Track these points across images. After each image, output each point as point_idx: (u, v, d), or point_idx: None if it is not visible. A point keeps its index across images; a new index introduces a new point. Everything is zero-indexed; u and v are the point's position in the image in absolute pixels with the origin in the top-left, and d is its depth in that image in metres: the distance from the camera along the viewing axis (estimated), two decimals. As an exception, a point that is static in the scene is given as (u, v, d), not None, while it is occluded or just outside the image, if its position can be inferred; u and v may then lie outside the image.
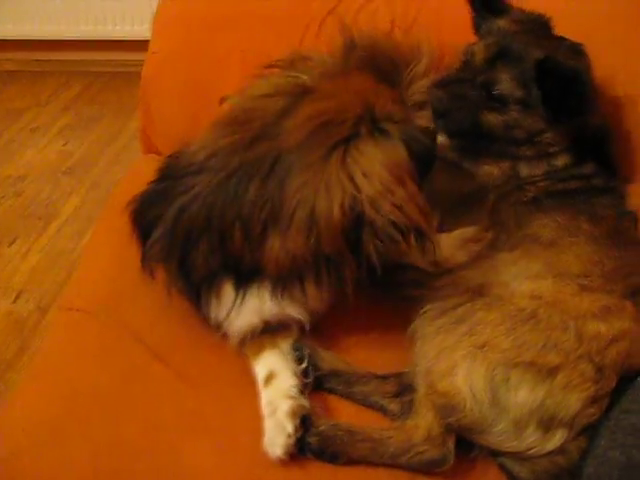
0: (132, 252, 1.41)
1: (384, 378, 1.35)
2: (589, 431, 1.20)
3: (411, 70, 1.63)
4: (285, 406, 1.28)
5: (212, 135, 1.37)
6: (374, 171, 1.22)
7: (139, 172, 1.83)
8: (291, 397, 1.29)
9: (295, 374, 1.34)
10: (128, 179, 1.91)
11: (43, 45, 3.98)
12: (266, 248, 1.24)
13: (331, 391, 1.36)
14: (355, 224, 1.21)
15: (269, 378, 1.34)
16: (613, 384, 1.20)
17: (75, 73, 4.03)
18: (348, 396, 1.35)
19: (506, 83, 1.46)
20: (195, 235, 1.29)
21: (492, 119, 1.48)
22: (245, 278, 1.30)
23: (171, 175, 1.39)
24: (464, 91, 1.50)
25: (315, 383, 1.36)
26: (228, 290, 1.32)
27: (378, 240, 1.21)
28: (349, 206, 1.19)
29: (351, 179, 1.21)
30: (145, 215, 1.39)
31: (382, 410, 1.33)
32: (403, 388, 1.32)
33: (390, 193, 1.21)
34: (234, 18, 1.90)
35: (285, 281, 1.27)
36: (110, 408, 1.33)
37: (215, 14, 1.92)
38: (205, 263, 1.30)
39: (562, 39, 1.52)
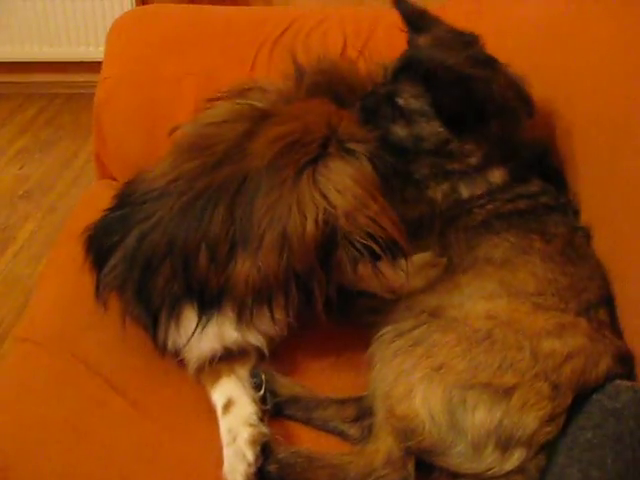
0: (87, 281, 1.39)
1: (343, 402, 1.34)
2: (547, 449, 1.20)
3: None
4: (245, 434, 1.26)
5: (172, 161, 1.35)
6: (347, 186, 1.23)
7: (94, 198, 1.83)
8: (251, 425, 1.28)
9: (254, 401, 1.33)
10: (82, 206, 1.89)
11: (-3, 67, 3.94)
12: (235, 269, 1.23)
13: (290, 417, 1.35)
14: (329, 239, 1.21)
15: (228, 406, 1.33)
16: (569, 401, 1.21)
17: (30, 95, 3.98)
18: (308, 422, 1.34)
19: (405, 94, 1.49)
20: (156, 261, 1.28)
21: (399, 131, 1.50)
22: (209, 303, 1.28)
23: (129, 202, 1.37)
24: (376, 104, 1.52)
25: (274, 409, 1.35)
26: (190, 316, 1.31)
27: (356, 251, 1.22)
28: (323, 221, 1.20)
29: (324, 196, 1.22)
30: (101, 243, 1.37)
31: (342, 435, 1.32)
32: (362, 412, 1.32)
33: (364, 207, 1.23)
34: (185, 42, 1.90)
35: (253, 303, 1.26)
36: (65, 441, 1.30)
37: (166, 38, 1.92)
38: (166, 289, 1.29)
39: (475, 53, 1.53)
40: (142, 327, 1.37)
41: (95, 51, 3.63)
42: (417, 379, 1.21)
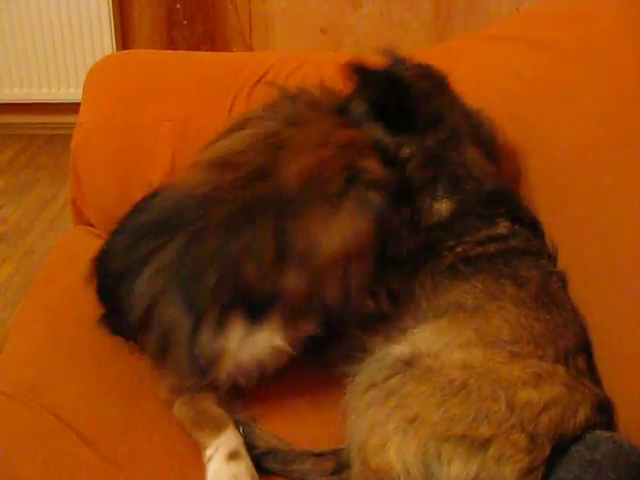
0: (59, 331, 1.39)
1: (321, 455, 1.32)
2: (526, 502, 1.18)
3: None
4: None
5: (204, 175, 1.37)
6: None
7: (69, 245, 1.82)
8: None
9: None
10: (57, 253, 1.88)
11: (-25, 109, 3.93)
12: (284, 280, 1.26)
13: (268, 470, 1.32)
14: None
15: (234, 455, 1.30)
16: (547, 453, 1.18)
17: (9, 136, 3.98)
18: (285, 475, 1.31)
19: (355, 101, 1.54)
20: (202, 267, 1.28)
21: None
22: (257, 311, 1.29)
23: (163, 207, 1.37)
24: None
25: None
26: (238, 322, 1.29)
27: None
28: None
29: None
30: (139, 246, 1.34)
31: (320, 489, 1.30)
32: (340, 465, 1.29)
33: None
34: (163, 88, 1.89)
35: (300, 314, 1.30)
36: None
37: (143, 84, 1.91)
38: (214, 296, 1.28)
39: (427, 71, 1.60)
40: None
41: (75, 92, 3.64)
42: (391, 430, 1.19)
